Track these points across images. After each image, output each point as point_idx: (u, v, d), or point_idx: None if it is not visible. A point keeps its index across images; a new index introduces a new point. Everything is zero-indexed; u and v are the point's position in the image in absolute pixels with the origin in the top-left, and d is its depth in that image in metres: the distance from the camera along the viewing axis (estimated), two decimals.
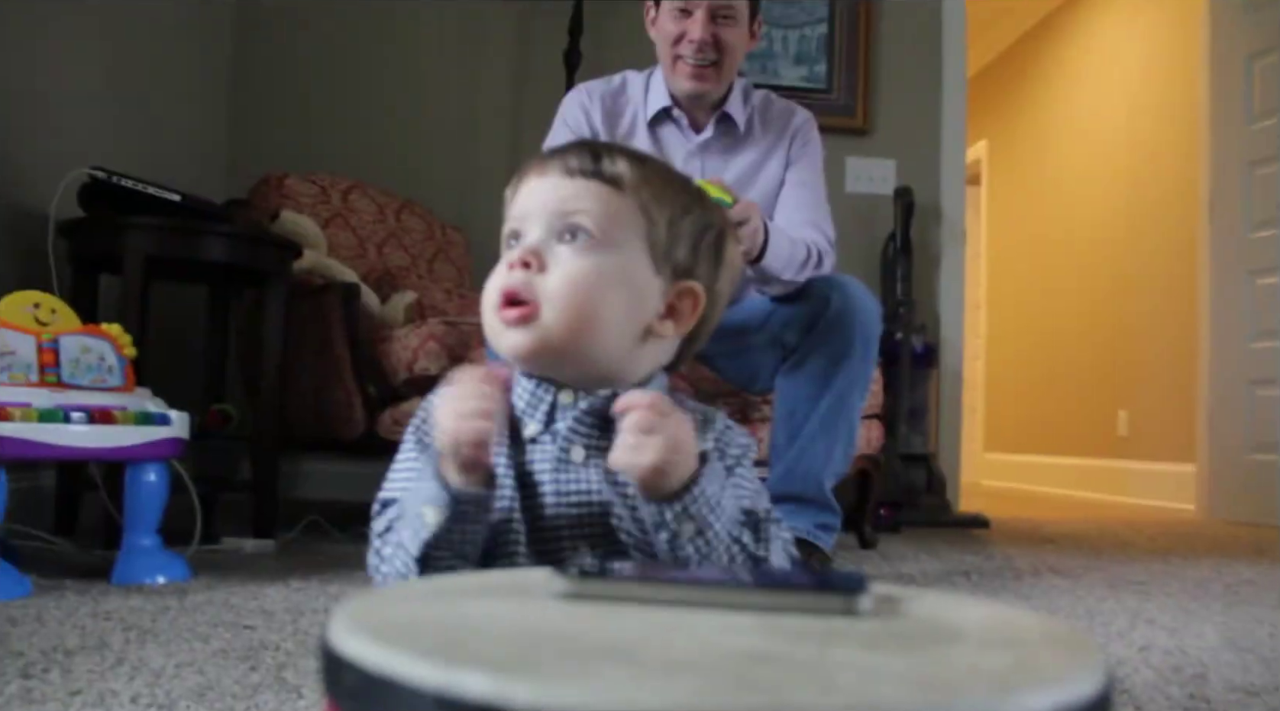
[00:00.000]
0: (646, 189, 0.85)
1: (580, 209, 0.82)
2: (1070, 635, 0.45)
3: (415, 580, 0.54)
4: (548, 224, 0.83)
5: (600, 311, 0.82)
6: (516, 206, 0.87)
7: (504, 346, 0.84)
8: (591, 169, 0.84)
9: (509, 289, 0.82)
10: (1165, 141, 4.89)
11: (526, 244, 0.83)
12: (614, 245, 0.83)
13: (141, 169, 2.29)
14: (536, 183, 0.85)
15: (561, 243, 0.82)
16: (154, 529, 1.76)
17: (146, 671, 1.10)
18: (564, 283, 0.81)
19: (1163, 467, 4.74)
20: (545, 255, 0.82)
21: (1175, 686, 1.19)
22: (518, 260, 0.82)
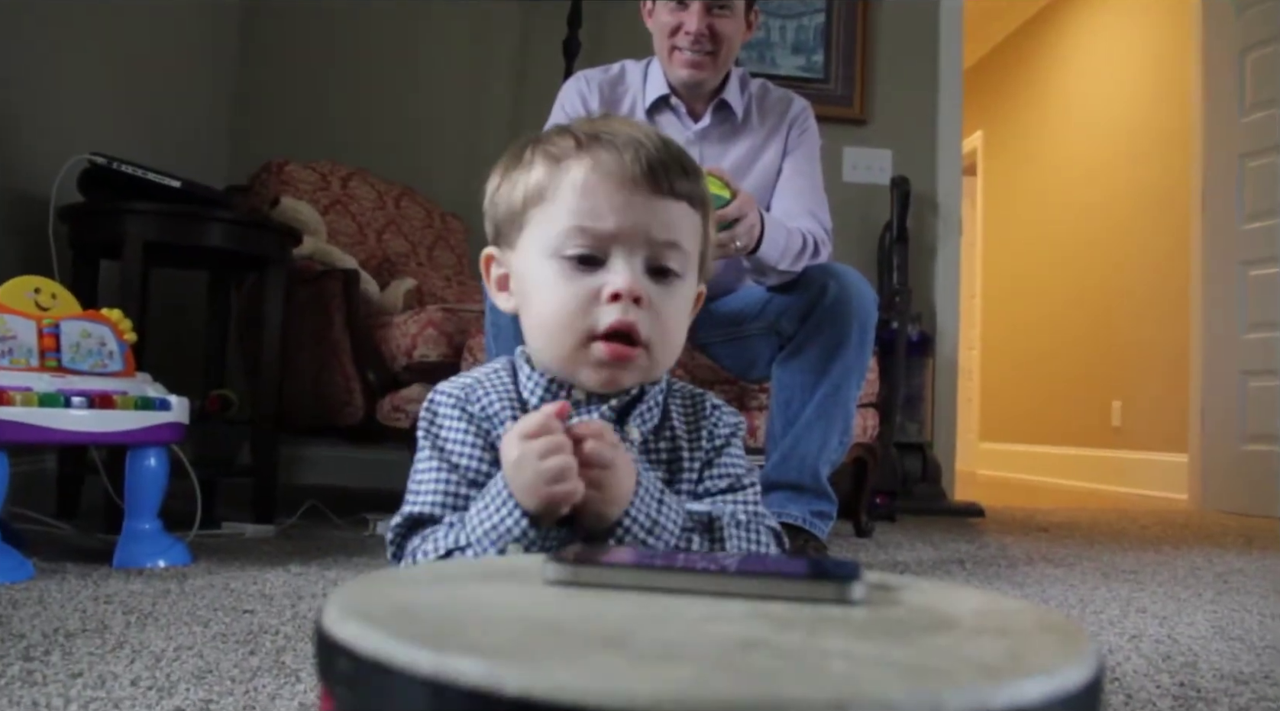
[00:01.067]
0: (707, 201, 0.86)
1: (676, 240, 0.81)
2: (1062, 624, 0.46)
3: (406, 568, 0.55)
4: (644, 252, 0.80)
5: (679, 340, 0.84)
6: (594, 214, 0.79)
7: (593, 381, 0.81)
8: (686, 190, 0.82)
9: (628, 325, 0.79)
10: (1159, 133, 4.90)
11: (632, 276, 0.79)
12: (688, 270, 0.83)
13: (142, 155, 2.29)
14: (626, 198, 0.79)
15: (652, 273, 0.80)
16: (154, 513, 1.77)
17: (147, 654, 1.11)
18: (669, 327, 0.81)
19: (1156, 457, 4.77)
20: (648, 290, 0.80)
21: (1166, 674, 1.20)
22: (629, 293, 0.78)
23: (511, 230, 0.85)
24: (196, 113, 3.21)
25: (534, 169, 0.83)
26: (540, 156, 0.83)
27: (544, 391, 0.84)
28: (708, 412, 0.89)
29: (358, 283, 2.45)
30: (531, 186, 0.82)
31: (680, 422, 0.88)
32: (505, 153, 0.88)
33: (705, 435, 0.88)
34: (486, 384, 0.86)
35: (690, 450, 0.87)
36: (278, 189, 2.76)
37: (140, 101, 2.81)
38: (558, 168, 0.81)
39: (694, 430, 0.88)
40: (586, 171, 0.79)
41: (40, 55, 2.35)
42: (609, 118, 0.86)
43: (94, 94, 2.58)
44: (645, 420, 0.85)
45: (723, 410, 0.90)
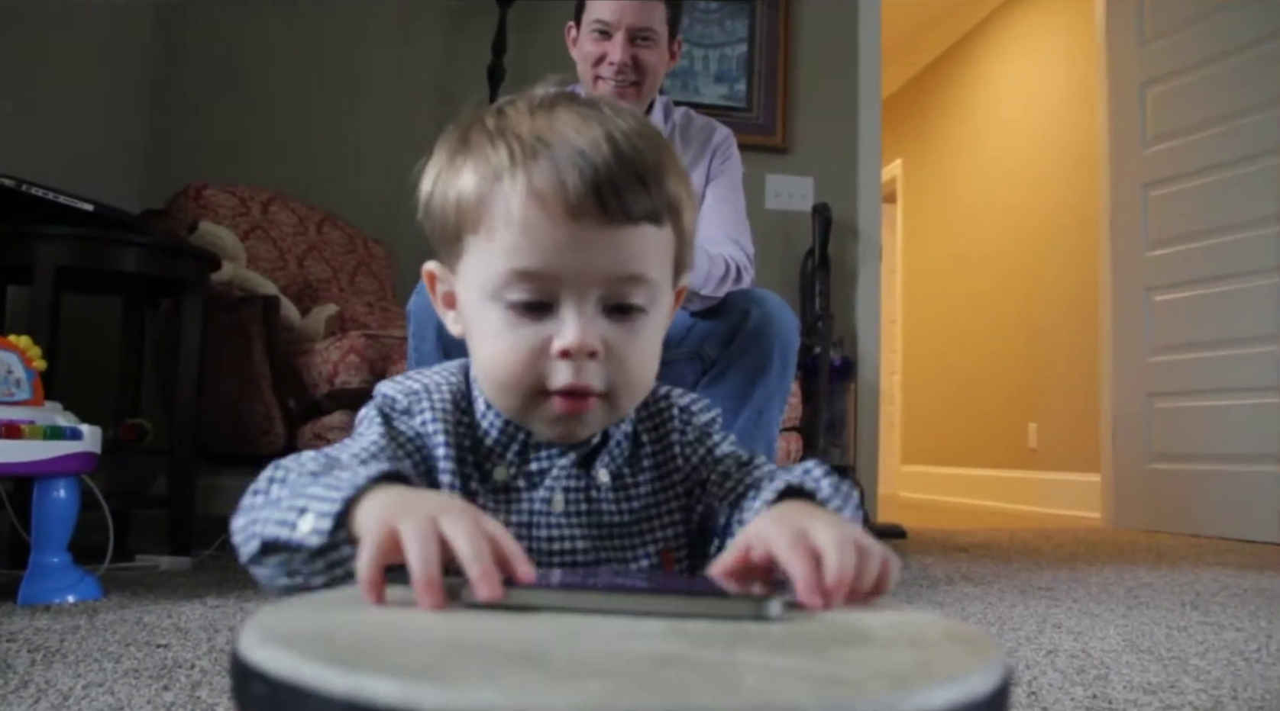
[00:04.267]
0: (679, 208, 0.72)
1: (638, 275, 0.68)
2: (971, 635, 0.47)
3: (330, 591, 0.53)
4: (598, 292, 0.68)
5: (651, 374, 0.73)
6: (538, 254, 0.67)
7: (554, 434, 0.72)
8: (646, 210, 0.68)
9: (579, 387, 0.68)
10: (1067, 164, 5.07)
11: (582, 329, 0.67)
12: (658, 297, 0.71)
13: (53, 177, 2.23)
14: (571, 234, 0.66)
15: (606, 312, 0.69)
16: (63, 546, 1.72)
17: (54, 693, 1.07)
18: (632, 369, 0.70)
19: (1070, 478, 4.90)
20: (604, 336, 0.68)
21: (1079, 687, 1.24)
22: (579, 350, 0.67)
23: (449, 253, 0.75)
24: (111, 135, 3.14)
25: (464, 179, 0.71)
26: (471, 167, 0.70)
27: (499, 433, 0.74)
28: (669, 422, 0.79)
29: (278, 309, 2.42)
30: (463, 206, 0.70)
31: (649, 447, 0.78)
32: (438, 145, 0.77)
33: (676, 451, 0.78)
34: (434, 397, 0.75)
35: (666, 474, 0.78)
36: (196, 213, 2.71)
37: (52, 123, 2.74)
38: (490, 189, 0.68)
39: (664, 449, 0.79)
40: (523, 202, 0.66)
41: None
42: (555, 106, 0.72)
43: (4, 116, 2.51)
44: (614, 458, 0.76)
45: (690, 410, 0.81)
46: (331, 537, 0.56)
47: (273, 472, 0.65)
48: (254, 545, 0.61)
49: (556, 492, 0.73)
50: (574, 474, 0.74)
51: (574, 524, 0.73)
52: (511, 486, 0.73)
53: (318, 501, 0.57)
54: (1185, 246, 3.93)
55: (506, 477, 0.73)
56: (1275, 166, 3.60)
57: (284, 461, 0.66)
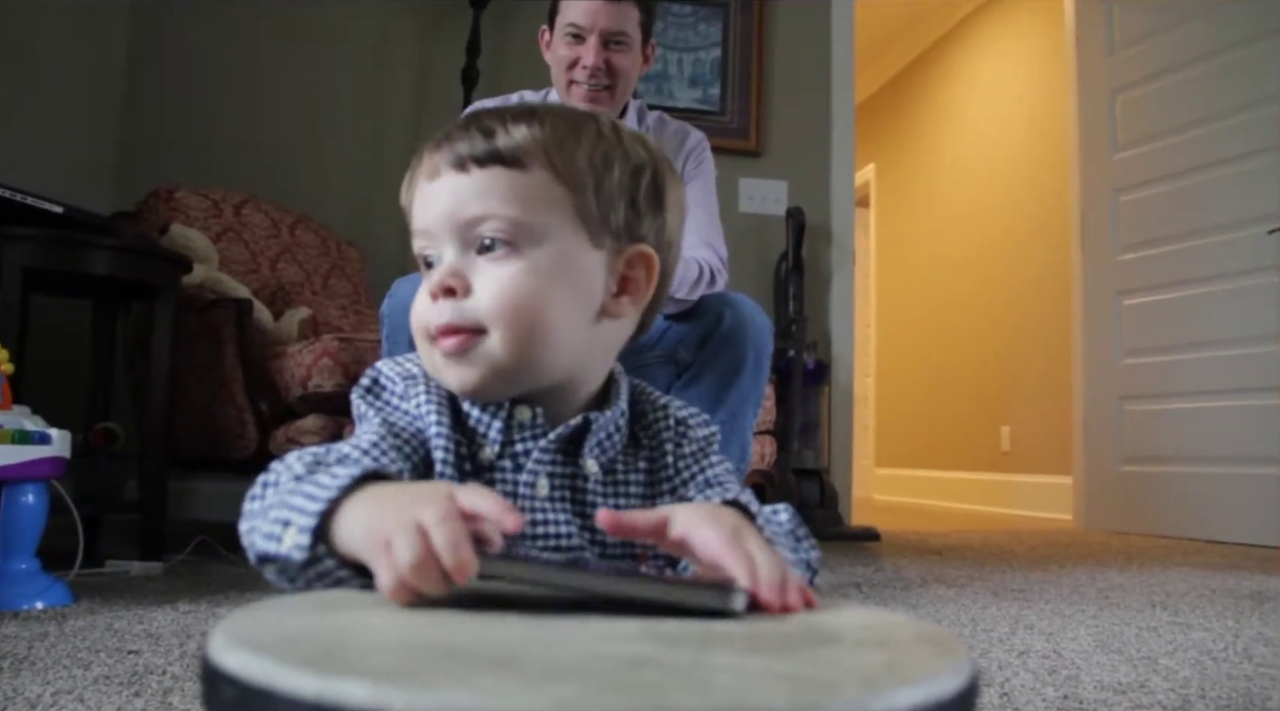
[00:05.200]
0: (556, 153, 0.73)
1: (486, 213, 0.71)
2: (941, 636, 0.47)
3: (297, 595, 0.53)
4: (457, 237, 0.72)
5: (545, 317, 0.71)
6: (417, 220, 0.75)
7: (452, 382, 0.73)
8: (485, 153, 0.72)
9: (440, 324, 0.71)
10: (1039, 170, 5.12)
11: (444, 267, 0.72)
12: (538, 237, 0.71)
13: (22, 178, 2.21)
14: (430, 187, 0.73)
15: (480, 254, 0.72)
16: (32, 552, 1.69)
17: (21, 701, 1.06)
18: (497, 300, 0.70)
19: (1042, 480, 4.94)
20: (467, 274, 0.71)
21: (1051, 687, 1.25)
22: (438, 288, 0.71)
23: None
24: (82, 136, 3.11)
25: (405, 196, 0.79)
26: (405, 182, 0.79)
27: (480, 412, 0.75)
28: (665, 432, 0.80)
29: (250, 312, 2.40)
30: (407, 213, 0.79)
31: (646, 450, 0.79)
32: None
33: (669, 460, 0.79)
34: (430, 381, 0.76)
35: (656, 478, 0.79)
36: (167, 216, 2.69)
37: (20, 123, 2.71)
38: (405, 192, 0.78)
39: (657, 455, 0.79)
40: (407, 187, 0.77)
41: None
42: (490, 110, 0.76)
43: None
44: (605, 449, 0.76)
45: (688, 423, 0.81)
46: (313, 552, 0.57)
47: (265, 475, 0.66)
48: (252, 554, 0.63)
49: (540, 477, 0.73)
50: (559, 460, 0.74)
51: (559, 509, 0.73)
52: (496, 466, 0.74)
53: (298, 513, 0.58)
54: (1155, 251, 3.98)
55: (492, 457, 0.74)
56: (1244, 172, 3.65)
57: (276, 463, 0.67)
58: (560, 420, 0.75)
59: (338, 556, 0.58)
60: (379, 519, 0.54)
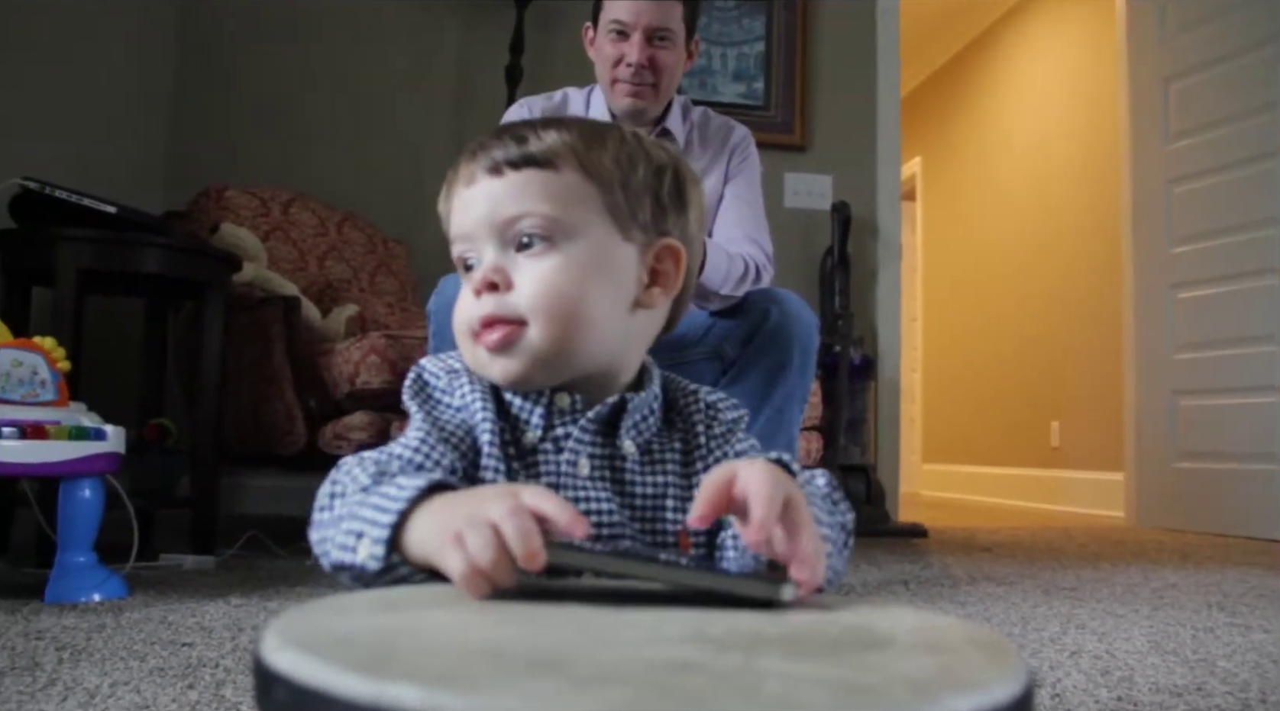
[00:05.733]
0: (585, 154, 0.77)
1: (523, 212, 0.75)
2: (993, 640, 0.47)
3: (349, 594, 0.54)
4: (496, 236, 0.76)
5: (584, 309, 0.75)
6: (455, 225, 0.79)
7: (496, 375, 0.77)
8: (519, 156, 0.76)
9: (484, 316, 0.75)
10: (1089, 160, 5.04)
11: (485, 264, 0.76)
12: (573, 232, 0.76)
13: (77, 180, 2.25)
14: (468, 193, 0.78)
15: (519, 251, 0.76)
16: (89, 545, 1.73)
17: (80, 691, 1.08)
18: (538, 293, 0.74)
19: (1093, 476, 4.87)
20: (509, 271, 0.75)
21: (1104, 689, 1.23)
22: (481, 284, 0.76)
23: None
24: (135, 138, 3.17)
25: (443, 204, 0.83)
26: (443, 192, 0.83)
27: (523, 400, 0.79)
28: (697, 414, 0.83)
29: (299, 309, 2.43)
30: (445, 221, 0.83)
31: (680, 432, 0.83)
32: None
33: (701, 440, 0.82)
34: (474, 374, 0.80)
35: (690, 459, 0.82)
36: (217, 215, 2.73)
37: (75, 126, 2.77)
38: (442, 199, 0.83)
39: (690, 437, 0.83)
40: (446, 192, 0.81)
41: None
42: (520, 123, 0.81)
43: (27, 118, 2.54)
44: (641, 430, 0.80)
45: (718, 407, 0.85)
46: (387, 561, 0.62)
47: (331, 487, 0.70)
48: (326, 562, 0.67)
49: (581, 457, 0.77)
50: (597, 441, 0.78)
51: (599, 488, 0.76)
52: (539, 449, 0.77)
53: (370, 525, 0.63)
54: (1209, 243, 3.90)
55: (534, 441, 0.77)
56: None
57: (340, 472, 0.71)
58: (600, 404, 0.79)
59: (411, 563, 0.62)
60: (449, 520, 0.58)
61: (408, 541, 0.61)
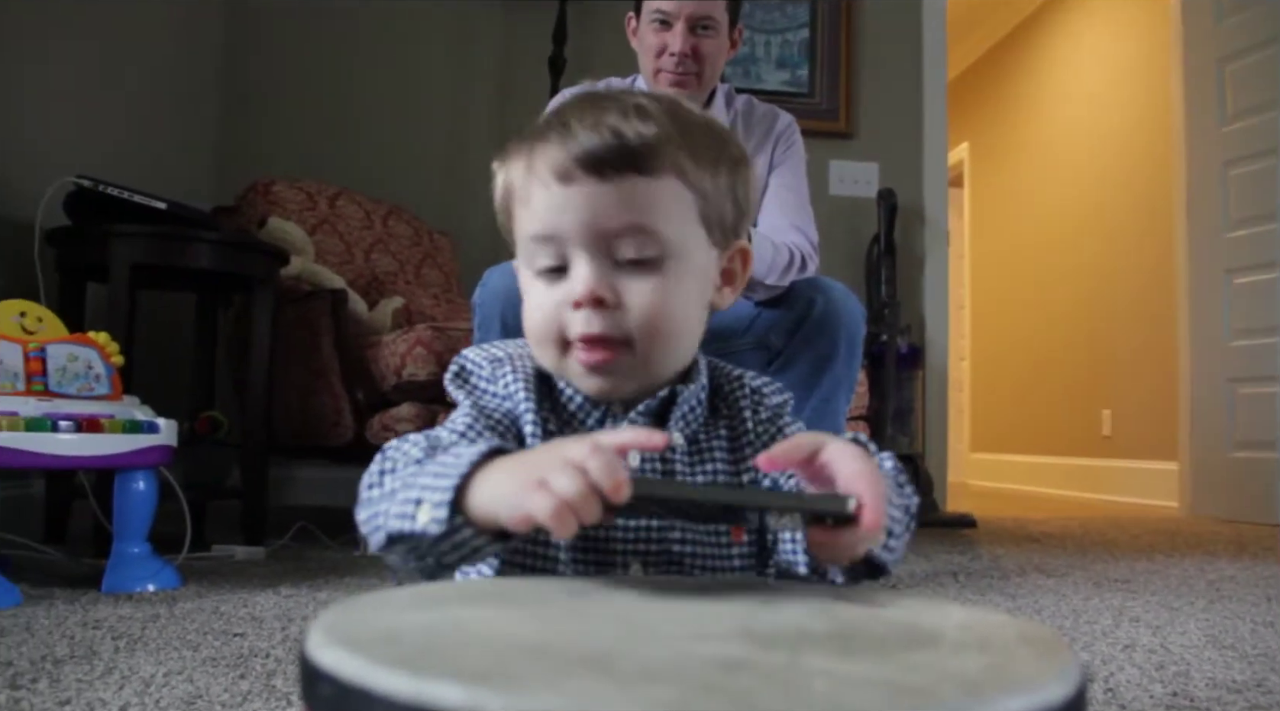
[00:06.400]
0: (684, 155, 0.73)
1: (630, 226, 0.72)
2: (1045, 637, 0.46)
3: (394, 589, 0.54)
4: (598, 246, 0.72)
5: (683, 326, 0.75)
6: (542, 223, 0.74)
7: (588, 389, 0.76)
8: (619, 157, 0.71)
9: (590, 334, 0.72)
10: (1142, 143, 4.93)
11: (589, 279, 0.72)
12: (678, 250, 0.74)
13: (128, 177, 2.29)
14: (562, 192, 0.72)
15: (621, 266, 0.73)
16: (143, 536, 1.76)
17: (136, 680, 1.10)
18: (649, 317, 0.72)
19: (1146, 465, 4.78)
20: (615, 286, 0.72)
21: (1159, 684, 1.20)
22: (589, 297, 0.72)
23: (510, 237, 0.81)
24: (183, 134, 3.21)
25: (505, 168, 0.78)
26: (507, 154, 0.78)
27: (584, 400, 0.78)
28: (744, 399, 0.83)
29: (345, 302, 2.45)
30: (503, 191, 0.79)
31: (725, 418, 0.82)
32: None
33: (749, 426, 0.82)
34: (516, 362, 0.79)
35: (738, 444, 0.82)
36: (265, 209, 2.76)
37: (127, 123, 2.81)
38: (511, 169, 0.77)
39: (736, 422, 0.82)
40: (524, 178, 0.75)
41: (26, 79, 2.35)
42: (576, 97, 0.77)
43: (80, 117, 2.58)
44: (689, 422, 0.79)
45: (762, 392, 0.84)
46: (450, 524, 0.61)
47: (381, 463, 0.69)
48: (380, 537, 0.66)
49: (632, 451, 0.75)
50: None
51: None
52: None
53: (430, 491, 0.62)
54: (1266, 226, 3.80)
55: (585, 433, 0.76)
56: None
57: (389, 450, 0.70)
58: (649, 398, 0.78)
59: (475, 524, 0.61)
60: (523, 472, 0.58)
61: (472, 502, 0.61)
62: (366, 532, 0.68)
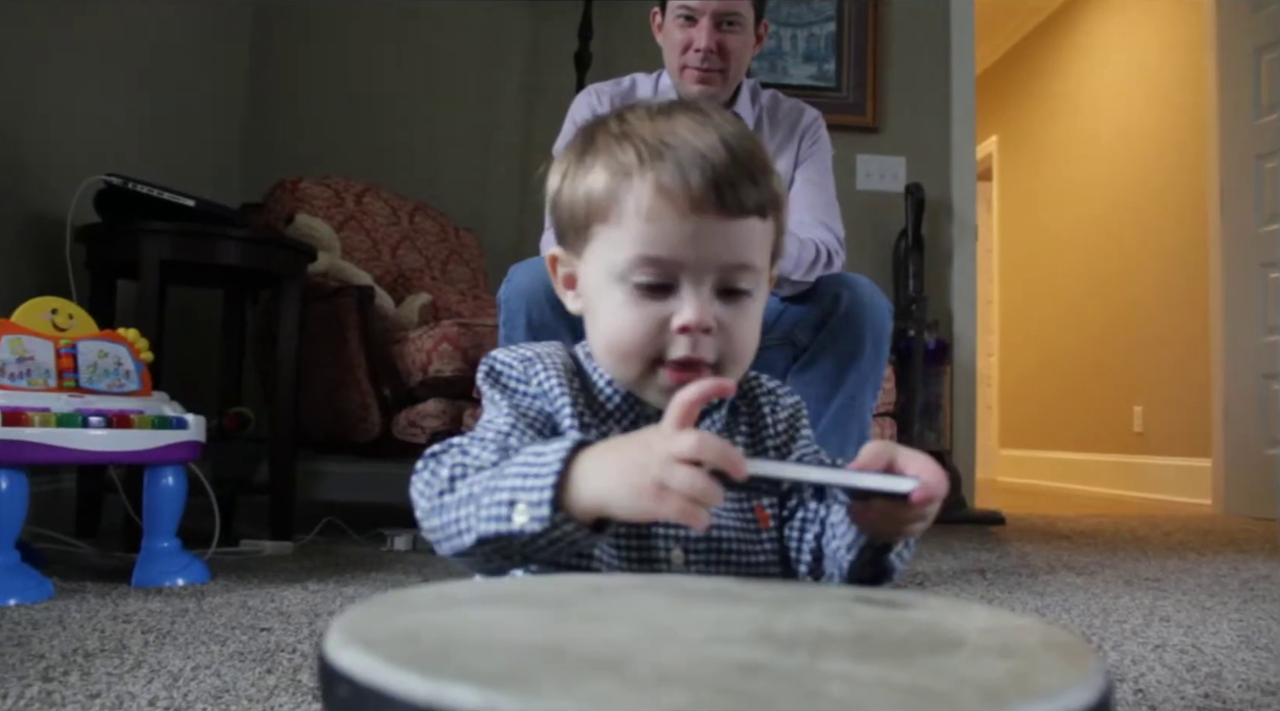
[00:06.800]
0: (783, 202, 0.80)
1: (748, 263, 0.76)
2: (1070, 642, 0.45)
3: (414, 588, 0.54)
4: (714, 277, 0.76)
5: (751, 354, 0.80)
6: (666, 247, 0.75)
7: (659, 403, 0.77)
8: (756, 205, 0.76)
9: (691, 357, 0.75)
10: (1174, 135, 4.87)
11: (703, 309, 0.75)
12: (761, 279, 0.79)
13: (157, 175, 2.31)
14: (696, 222, 0.74)
15: (719, 295, 0.76)
16: (172, 531, 1.78)
17: (164, 674, 1.11)
18: (739, 347, 0.77)
19: (1179, 462, 4.72)
20: (716, 314, 0.76)
21: (1190, 685, 1.19)
22: (699, 326, 0.74)
23: (576, 239, 0.81)
24: (211, 132, 3.24)
25: (594, 176, 0.78)
26: (601, 166, 0.77)
27: (621, 399, 0.81)
28: (762, 400, 0.87)
29: (372, 299, 2.46)
30: (594, 199, 0.78)
31: (745, 416, 0.86)
32: (566, 147, 0.84)
33: (768, 423, 0.86)
34: (546, 360, 0.82)
35: (759, 441, 0.86)
36: (292, 206, 2.78)
37: (155, 121, 2.84)
38: (620, 184, 0.76)
39: (756, 421, 0.86)
40: (651, 196, 0.74)
41: (56, 78, 2.37)
42: (673, 112, 0.79)
43: (109, 115, 2.61)
44: (714, 423, 0.84)
45: (777, 393, 0.88)
46: (552, 521, 0.63)
47: (450, 470, 0.71)
48: (467, 540, 0.68)
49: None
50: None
51: None
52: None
53: (524, 491, 0.64)
54: None
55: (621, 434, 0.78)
56: None
57: (445, 457, 0.72)
58: None
59: (577, 517, 0.64)
60: (628, 469, 0.61)
61: (573, 497, 0.63)
62: (440, 538, 0.70)
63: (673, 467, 0.59)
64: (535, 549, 0.66)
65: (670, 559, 0.77)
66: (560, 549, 0.67)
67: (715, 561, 0.79)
